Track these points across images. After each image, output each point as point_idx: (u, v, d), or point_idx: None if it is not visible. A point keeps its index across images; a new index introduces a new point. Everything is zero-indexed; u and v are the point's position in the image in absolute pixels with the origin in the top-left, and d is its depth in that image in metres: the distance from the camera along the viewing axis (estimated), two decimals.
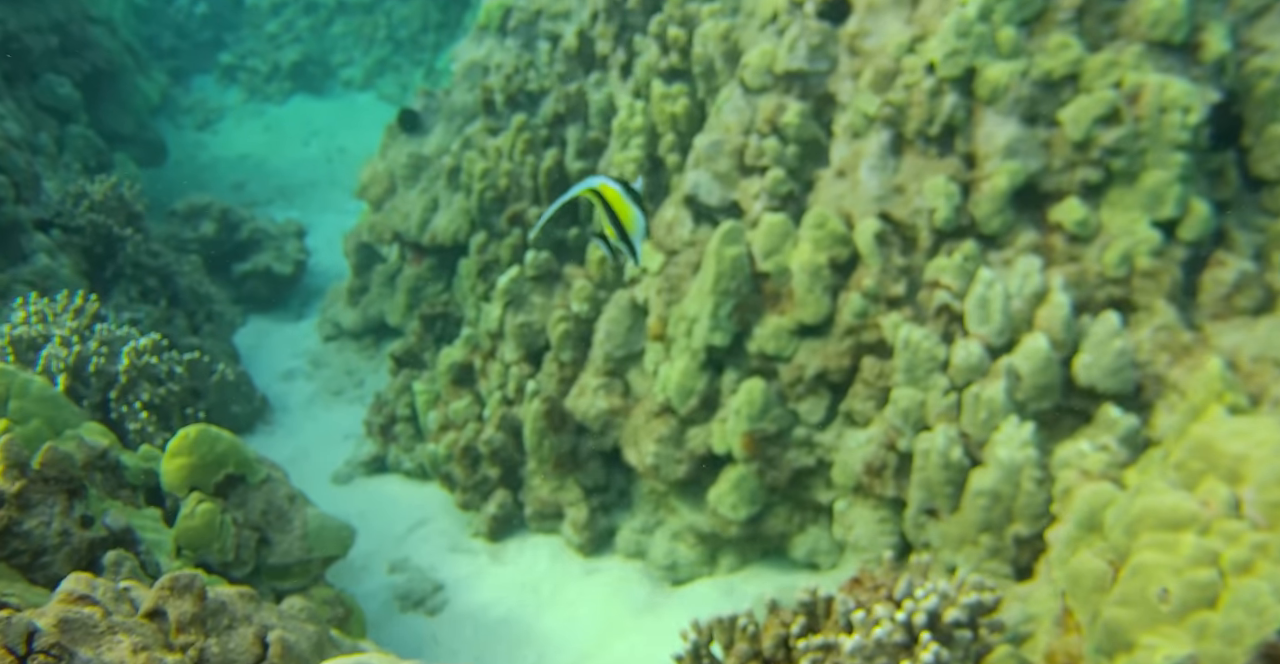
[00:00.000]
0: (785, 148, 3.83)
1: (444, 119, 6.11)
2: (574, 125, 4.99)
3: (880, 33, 3.74)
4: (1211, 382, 2.62)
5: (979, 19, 3.51)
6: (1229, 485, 2.13)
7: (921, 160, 3.64)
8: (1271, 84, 3.55)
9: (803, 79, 3.84)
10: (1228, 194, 3.59)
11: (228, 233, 6.71)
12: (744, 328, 3.83)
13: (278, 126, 9.84)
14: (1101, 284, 3.47)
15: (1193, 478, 2.19)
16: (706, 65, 4.34)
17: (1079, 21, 3.54)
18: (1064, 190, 3.53)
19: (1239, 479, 2.13)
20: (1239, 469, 2.14)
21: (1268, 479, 2.06)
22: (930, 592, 2.28)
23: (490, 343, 4.68)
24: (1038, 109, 3.54)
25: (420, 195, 5.88)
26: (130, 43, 8.21)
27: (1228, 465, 2.15)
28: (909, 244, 3.65)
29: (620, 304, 4.22)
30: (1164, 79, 3.39)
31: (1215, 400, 2.57)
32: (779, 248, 3.74)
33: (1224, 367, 2.69)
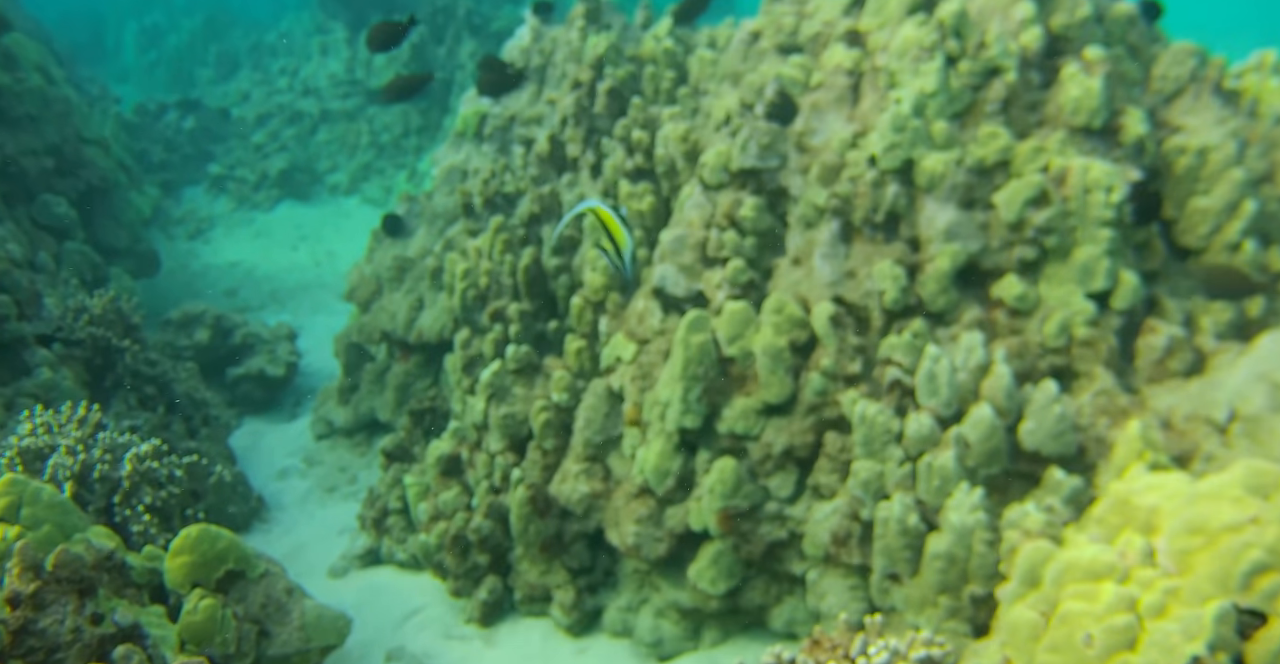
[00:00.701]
0: (744, 239, 4.09)
1: (426, 222, 6.39)
2: (549, 224, 5.26)
3: (825, 130, 4.03)
4: (1131, 442, 2.84)
5: (913, 114, 3.79)
6: (1144, 536, 2.33)
7: (870, 246, 3.89)
8: (1189, 161, 3.84)
9: (756, 175, 4.12)
10: (1156, 264, 3.85)
11: (221, 339, 6.94)
12: (713, 410, 4.04)
13: (267, 233, 10.15)
14: (1043, 354, 3.70)
15: (1112, 531, 2.39)
16: (669, 165, 4.63)
17: (1006, 112, 3.84)
18: (1003, 268, 3.79)
19: (1153, 530, 2.34)
20: (1152, 521, 2.34)
21: (1177, 529, 2.27)
22: (882, 649, 2.47)
23: (476, 434, 4.89)
24: (973, 194, 3.81)
25: (406, 296, 6.14)
26: (123, 160, 8.53)
27: (1143, 518, 2.35)
28: (863, 324, 3.89)
29: (597, 392, 4.44)
30: (1087, 161, 3.67)
31: (1136, 458, 2.78)
32: (742, 333, 3.98)
33: (1142, 428, 2.91)
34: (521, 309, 5.06)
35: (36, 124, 7.50)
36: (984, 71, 3.83)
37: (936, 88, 3.76)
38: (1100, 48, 3.91)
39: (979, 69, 3.83)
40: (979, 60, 3.82)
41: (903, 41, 3.89)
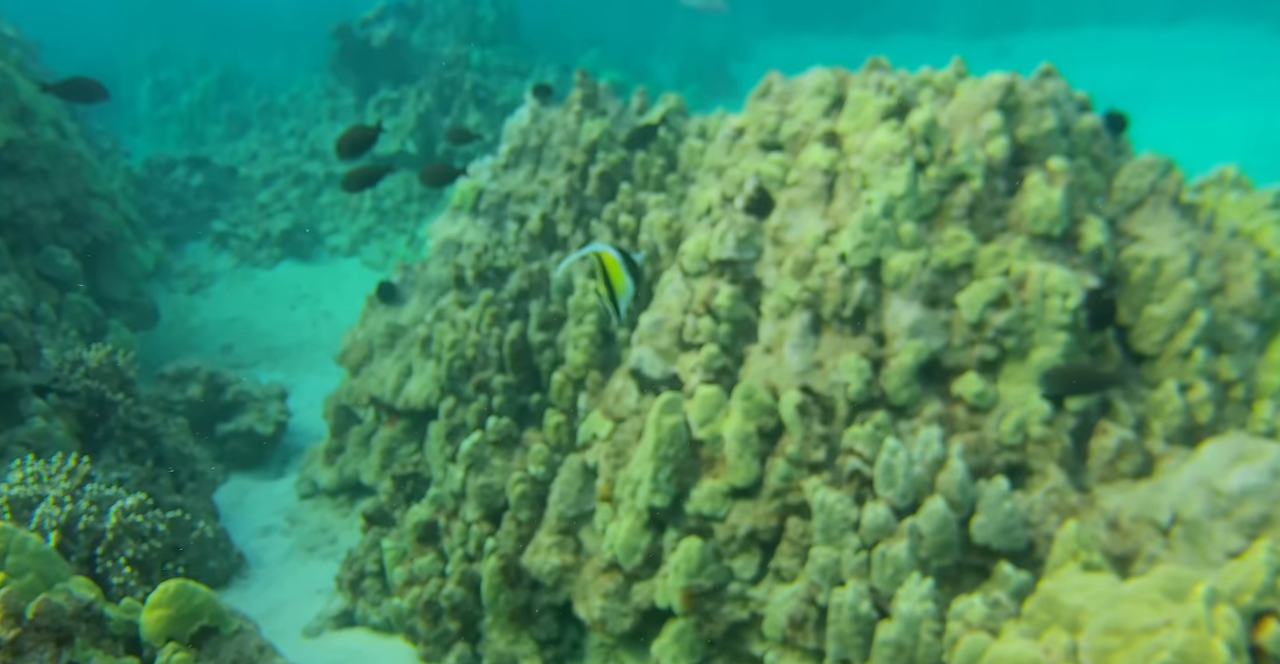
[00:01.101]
0: (719, 326, 4.26)
1: (419, 291, 6.57)
2: (536, 300, 5.44)
3: (799, 226, 4.22)
4: (1067, 541, 2.98)
5: (883, 215, 3.99)
6: (1069, 634, 2.47)
7: (838, 339, 4.06)
8: (1145, 270, 4.02)
9: (733, 266, 4.31)
10: (1111, 368, 4.01)
11: (213, 395, 7.09)
12: (683, 490, 4.18)
13: (266, 291, 10.34)
14: (1000, 450, 3.86)
15: (1040, 627, 2.53)
16: (652, 250, 4.82)
17: (971, 217, 4.03)
18: (964, 366, 3.95)
19: (1078, 628, 2.47)
20: (1078, 619, 2.48)
21: (1098, 629, 2.40)
22: None
23: (454, 503, 5.02)
24: (938, 293, 3.99)
25: (396, 362, 6.29)
26: (129, 214, 8.75)
27: (1069, 616, 2.49)
28: (828, 414, 4.04)
29: (573, 467, 4.58)
30: (1046, 267, 3.85)
31: (1070, 558, 2.92)
32: (713, 417, 4.13)
33: (1077, 528, 3.06)
34: (506, 381, 5.22)
35: (47, 177, 7.71)
36: (951, 177, 4.03)
37: (905, 191, 3.96)
38: (1064, 159, 4.12)
39: (946, 175, 4.03)
40: (947, 167, 4.03)
41: (875, 146, 4.10)
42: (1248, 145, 13.29)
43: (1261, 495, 3.32)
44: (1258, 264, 4.06)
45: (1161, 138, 14.15)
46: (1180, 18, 23.99)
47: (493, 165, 6.51)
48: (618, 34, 22.03)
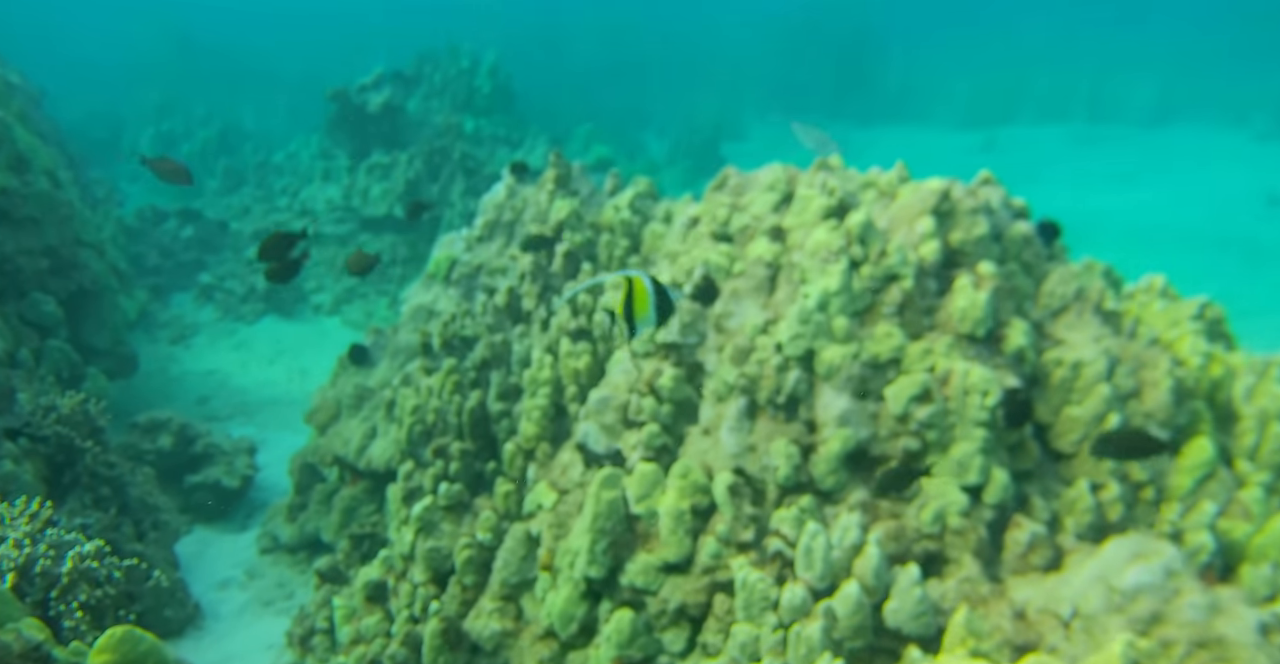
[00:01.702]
0: (661, 406, 4.47)
1: (389, 356, 6.78)
2: (498, 370, 5.65)
3: (740, 315, 4.45)
4: (956, 628, 3.17)
5: (818, 309, 4.22)
6: None
7: (771, 424, 4.27)
8: (1064, 373, 4.25)
9: (677, 349, 4.53)
10: (1029, 464, 4.22)
11: (183, 446, 7.26)
12: (618, 563, 4.36)
13: (247, 345, 10.54)
14: (919, 538, 4.05)
15: None
16: (605, 328, 5.05)
17: (901, 314, 4.27)
18: (889, 455, 4.16)
19: None
20: None
21: None
22: None
23: (403, 564, 5.18)
24: (867, 386, 4.21)
25: (361, 423, 6.49)
26: (116, 264, 8.98)
27: None
28: (759, 496, 4.24)
29: (517, 536, 4.76)
30: (969, 366, 4.08)
31: (959, 645, 3.10)
32: (650, 494, 4.32)
33: (966, 617, 3.24)
34: (463, 448, 5.41)
35: (38, 226, 7.95)
36: (884, 276, 4.28)
37: (839, 288, 4.20)
38: (993, 263, 4.38)
39: (880, 274, 4.27)
40: (880, 266, 4.27)
41: (814, 243, 4.35)
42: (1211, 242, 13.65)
43: (1154, 593, 3.52)
44: (1171, 372, 4.29)
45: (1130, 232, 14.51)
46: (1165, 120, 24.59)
47: (467, 237, 6.76)
48: (614, 108, 22.55)
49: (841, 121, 26.50)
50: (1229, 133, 22.59)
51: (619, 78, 27.13)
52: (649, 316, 3.41)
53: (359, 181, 11.93)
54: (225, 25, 32.62)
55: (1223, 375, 4.47)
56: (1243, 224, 14.40)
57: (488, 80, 13.66)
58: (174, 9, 33.18)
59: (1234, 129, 22.86)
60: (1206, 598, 3.51)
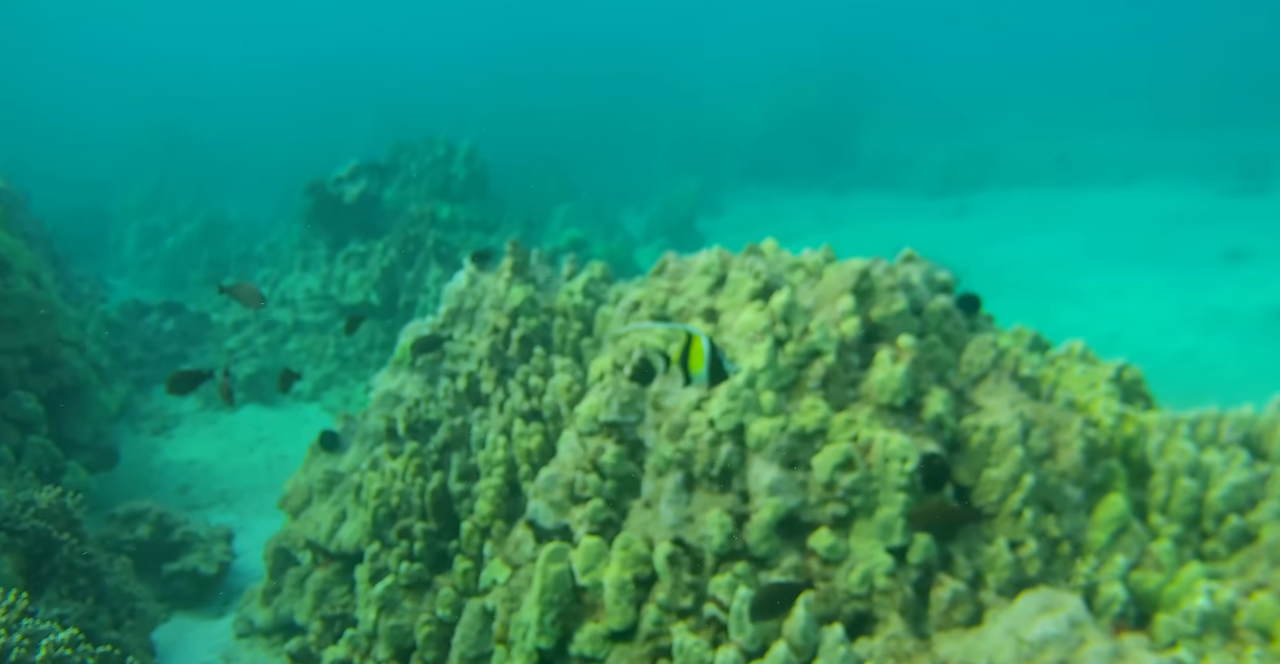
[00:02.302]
0: (604, 482, 4.71)
1: (359, 441, 7.02)
2: (458, 452, 5.88)
3: (675, 393, 4.71)
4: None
5: (746, 386, 4.48)
6: None
7: (707, 495, 4.51)
8: (981, 437, 4.50)
9: (618, 427, 4.78)
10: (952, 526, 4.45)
11: (161, 535, 7.45)
12: (567, 633, 4.56)
13: (228, 434, 10.77)
14: (848, 599, 4.26)
15: None
16: (554, 410, 5.30)
17: (825, 387, 4.53)
18: (818, 521, 4.39)
19: None
20: None
21: None
22: None
23: (367, 643, 5.37)
24: (795, 456, 4.45)
25: (331, 507, 6.70)
26: (98, 360, 9.25)
27: None
28: (698, 564, 4.45)
29: (474, 611, 4.96)
30: (888, 434, 4.33)
31: None
32: (595, 565, 4.54)
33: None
34: (426, 528, 5.62)
35: (19, 326, 8.22)
36: (808, 353, 4.54)
37: (765, 364, 4.46)
38: (912, 337, 4.65)
39: (804, 350, 4.54)
40: (804, 343, 4.54)
41: (742, 323, 4.62)
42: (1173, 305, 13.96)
43: (1060, 643, 3.74)
44: (1083, 433, 4.54)
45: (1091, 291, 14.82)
46: (1134, 179, 25.11)
47: (432, 324, 7.04)
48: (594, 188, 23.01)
49: (820, 191, 27.04)
50: (1196, 190, 23.10)
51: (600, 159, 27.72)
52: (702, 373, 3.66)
53: (336, 270, 12.26)
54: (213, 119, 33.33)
55: (1135, 434, 4.72)
56: (1202, 281, 14.76)
57: (463, 167, 14.07)
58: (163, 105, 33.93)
59: (1202, 186, 23.37)
60: (1109, 646, 3.73)
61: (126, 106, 35.30)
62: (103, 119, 35.01)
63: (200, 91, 39.83)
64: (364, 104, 32.43)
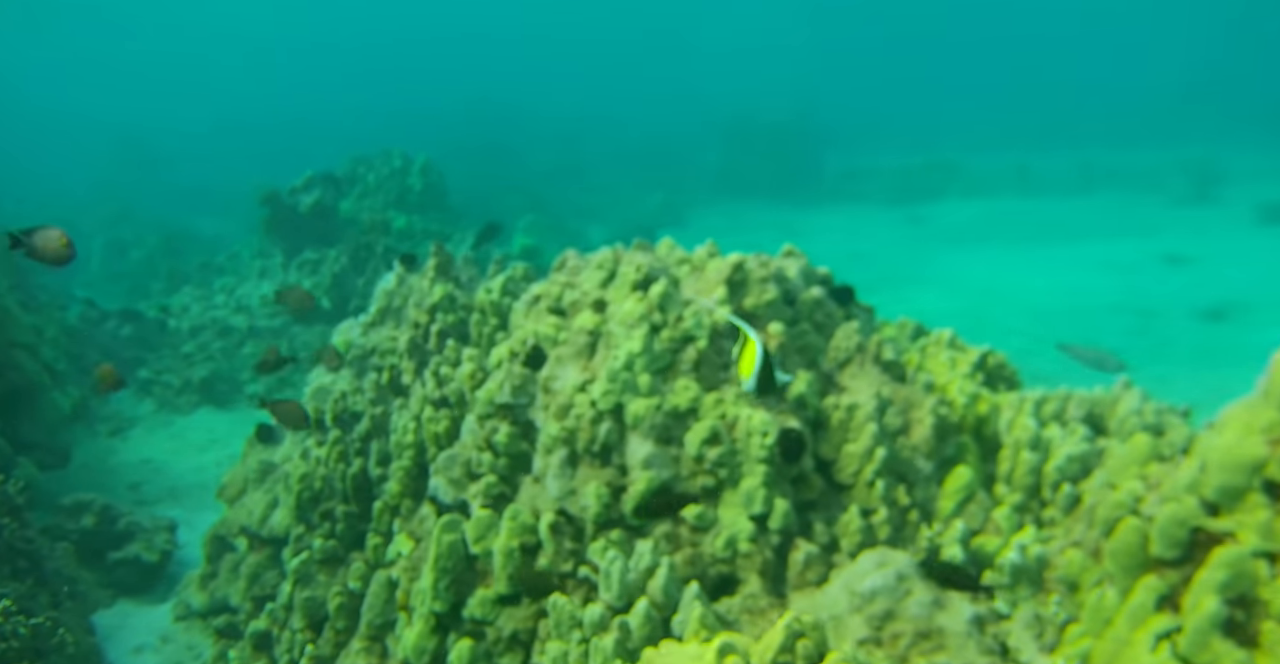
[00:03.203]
0: (498, 460, 5.09)
1: (293, 433, 7.38)
2: (378, 440, 6.26)
3: (563, 377, 5.10)
4: (692, 622, 3.77)
5: (625, 368, 4.87)
6: None
7: (589, 470, 4.89)
8: (841, 415, 4.90)
9: (511, 409, 5.17)
10: (813, 495, 4.84)
11: (106, 525, 7.79)
12: (461, 599, 4.93)
13: (182, 435, 11.12)
14: (714, 562, 4.65)
15: None
16: (459, 396, 5.69)
17: (698, 370, 4.92)
18: (690, 492, 4.78)
19: None
20: None
21: None
22: None
23: (284, 614, 5.73)
24: (670, 433, 4.84)
25: (265, 495, 7.06)
26: (52, 363, 9.59)
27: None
28: (579, 533, 4.84)
29: (380, 581, 5.33)
30: (752, 411, 4.73)
31: (694, 636, 3.69)
32: (485, 535, 4.92)
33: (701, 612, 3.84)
34: (347, 510, 5.99)
35: None
36: (682, 338, 4.94)
37: (642, 349, 4.86)
38: (782, 324, 5.06)
39: (678, 336, 4.94)
40: (678, 330, 4.94)
41: (624, 312, 5.02)
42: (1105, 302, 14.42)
43: (887, 594, 4.14)
44: (935, 410, 4.95)
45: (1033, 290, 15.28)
46: (1089, 189, 25.66)
47: (363, 323, 7.42)
48: (561, 203, 23.42)
49: (783, 204, 27.50)
50: (1148, 199, 23.66)
51: (569, 177, 28.18)
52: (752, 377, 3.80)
53: (290, 277, 12.64)
54: (184, 137, 33.68)
55: (988, 412, 5.13)
56: (1138, 283, 15.25)
57: (419, 179, 14.47)
58: (135, 126, 34.23)
59: (1152, 195, 23.94)
60: (932, 596, 4.13)
61: (99, 125, 35.58)
62: (73, 138, 35.30)
63: (175, 114, 40.24)
64: (334, 127, 32.85)
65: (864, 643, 4.06)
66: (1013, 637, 4.06)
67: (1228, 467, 3.55)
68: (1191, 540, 3.60)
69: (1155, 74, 36.08)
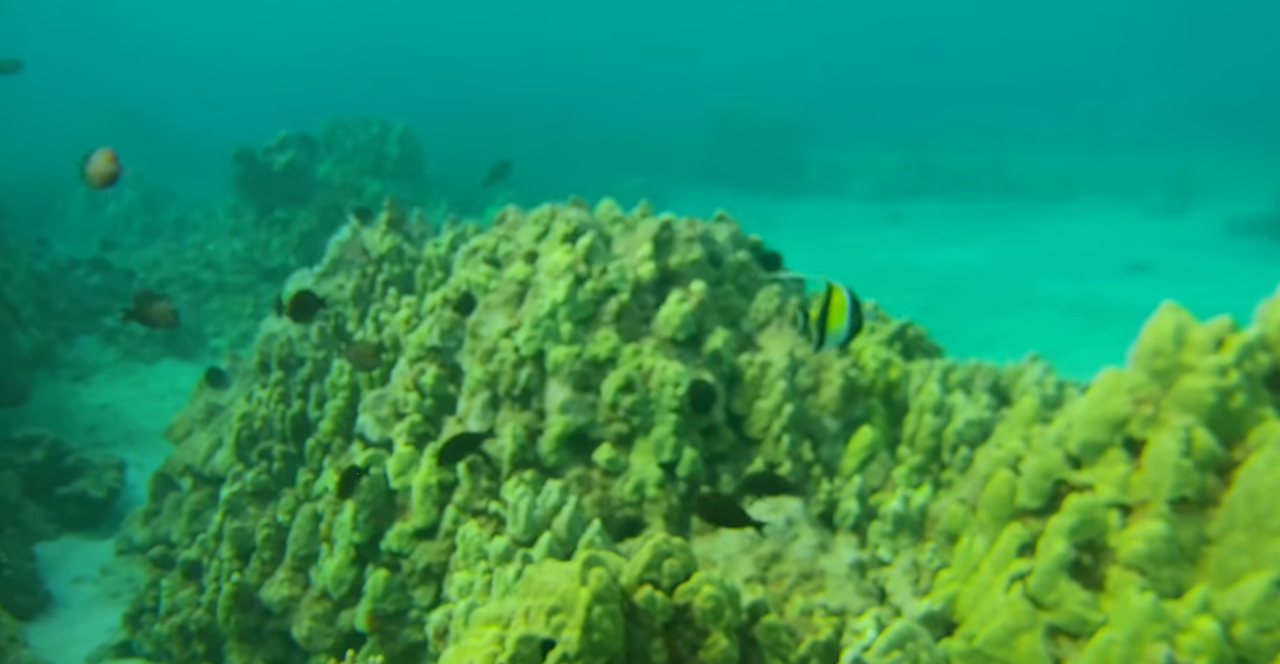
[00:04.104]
0: (423, 400, 5.28)
1: (240, 376, 7.56)
2: (318, 383, 6.43)
3: (490, 323, 5.29)
4: (581, 546, 3.96)
5: (548, 316, 5.06)
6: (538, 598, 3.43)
7: (510, 412, 5.09)
8: (754, 372, 5.09)
9: (439, 352, 5.36)
10: (724, 447, 5.05)
11: (55, 460, 7.96)
12: (379, 531, 5.13)
13: (143, 383, 11.27)
14: (622, 506, 4.85)
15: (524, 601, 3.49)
16: (394, 340, 5.87)
17: (619, 322, 5.11)
18: (603, 438, 4.98)
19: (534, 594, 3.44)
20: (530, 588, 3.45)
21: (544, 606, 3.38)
22: None
23: (214, 544, 5.92)
24: (588, 380, 5.04)
25: (209, 435, 7.23)
26: (13, 301, 9.72)
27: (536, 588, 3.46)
28: (495, 470, 5.03)
29: (306, 514, 5.51)
30: (666, 363, 4.92)
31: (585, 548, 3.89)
32: (406, 471, 5.11)
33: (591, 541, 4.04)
34: (285, 450, 6.17)
35: None
36: (605, 290, 5.13)
37: (565, 298, 5.05)
38: (704, 283, 5.25)
39: (601, 288, 5.13)
40: (601, 281, 5.13)
41: (551, 263, 5.21)
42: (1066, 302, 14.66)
43: (776, 538, 4.34)
44: (844, 372, 5.15)
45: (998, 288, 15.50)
46: (1065, 197, 25.90)
47: (316, 273, 7.59)
48: (544, 183, 23.50)
49: (766, 196, 27.67)
50: (1123, 208, 23.91)
51: (555, 158, 28.30)
52: (841, 328, 3.57)
53: (260, 235, 12.78)
54: (176, 106, 33.70)
55: (900, 378, 5.33)
56: (1097, 288, 15.49)
57: (396, 146, 14.62)
58: (123, 89, 34.22)
59: (1129, 204, 24.19)
60: (818, 539, 4.34)
61: (92, 88, 35.53)
62: (69, 101, 35.21)
63: (168, 80, 40.24)
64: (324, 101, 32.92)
65: (750, 581, 4.27)
66: (891, 582, 4.27)
67: (1092, 423, 3.76)
68: (1055, 492, 3.81)
69: (1142, 83, 36.34)
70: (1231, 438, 3.63)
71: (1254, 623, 3.20)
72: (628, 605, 3.35)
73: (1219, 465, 3.57)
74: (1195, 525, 3.53)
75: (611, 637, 3.19)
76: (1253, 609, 3.20)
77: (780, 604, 4.15)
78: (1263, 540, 3.28)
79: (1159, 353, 3.73)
